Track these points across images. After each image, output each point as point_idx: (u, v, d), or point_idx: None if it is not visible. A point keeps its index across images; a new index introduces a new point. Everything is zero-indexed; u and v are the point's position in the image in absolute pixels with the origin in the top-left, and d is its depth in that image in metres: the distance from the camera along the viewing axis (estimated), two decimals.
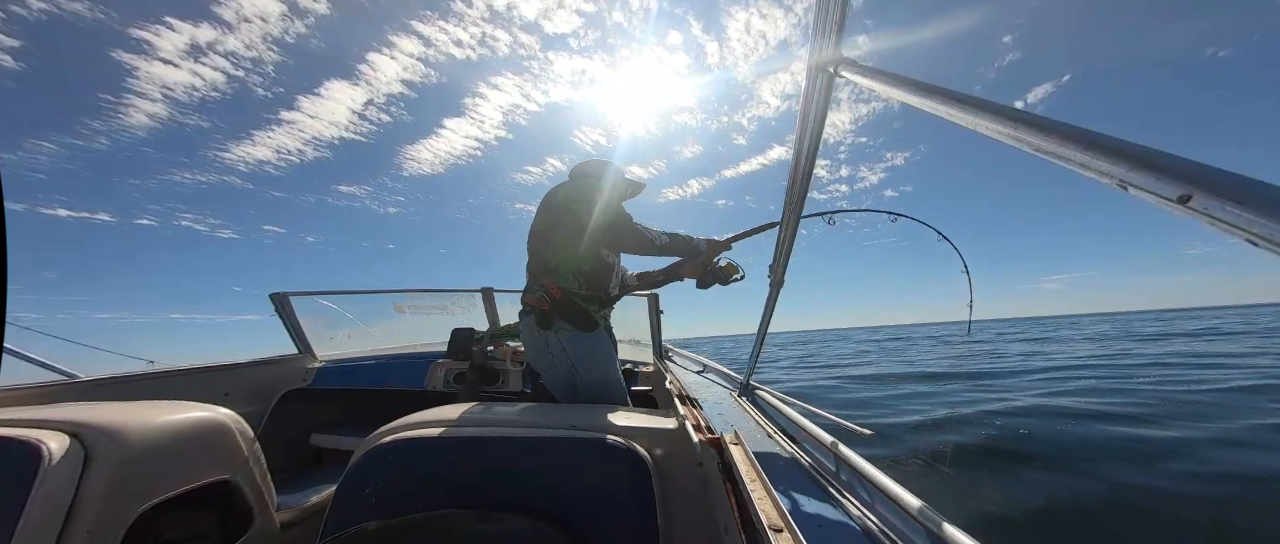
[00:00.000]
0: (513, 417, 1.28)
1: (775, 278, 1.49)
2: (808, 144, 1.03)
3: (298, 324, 2.97)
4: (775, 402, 1.59)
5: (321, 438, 2.69)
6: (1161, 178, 0.35)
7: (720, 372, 2.39)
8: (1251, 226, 0.31)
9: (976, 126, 0.50)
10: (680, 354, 3.09)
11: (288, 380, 2.81)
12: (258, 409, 2.63)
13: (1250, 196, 0.31)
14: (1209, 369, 8.79)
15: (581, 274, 1.79)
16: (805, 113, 0.97)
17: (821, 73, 0.87)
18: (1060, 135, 0.41)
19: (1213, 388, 6.78)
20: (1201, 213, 0.33)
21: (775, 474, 0.93)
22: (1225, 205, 0.32)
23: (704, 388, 1.94)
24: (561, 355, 1.77)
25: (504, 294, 3.31)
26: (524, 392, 2.68)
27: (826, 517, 0.76)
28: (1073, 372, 9.52)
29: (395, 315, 3.45)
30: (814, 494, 0.84)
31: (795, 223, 1.27)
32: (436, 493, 1.05)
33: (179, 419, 1.15)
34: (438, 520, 0.92)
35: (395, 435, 1.15)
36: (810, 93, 0.93)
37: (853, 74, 0.76)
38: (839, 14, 0.77)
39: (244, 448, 1.27)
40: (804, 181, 1.13)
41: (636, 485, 1.04)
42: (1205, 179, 0.33)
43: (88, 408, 1.14)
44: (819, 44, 0.83)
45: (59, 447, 0.95)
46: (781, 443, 1.16)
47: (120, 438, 1.01)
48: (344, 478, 1.09)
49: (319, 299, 3.11)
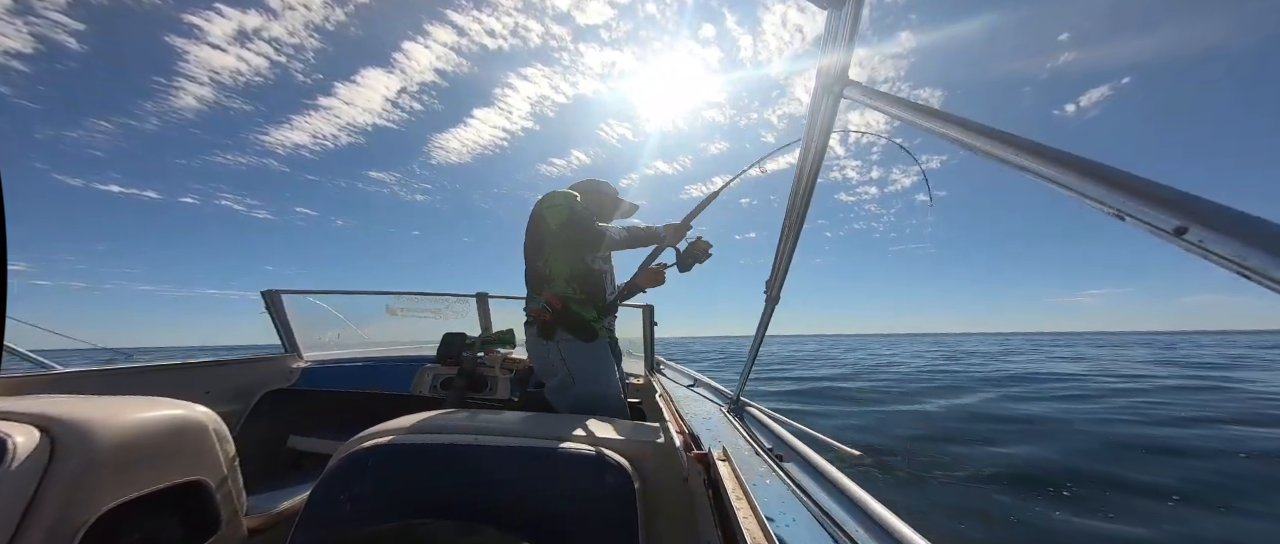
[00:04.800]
0: (497, 425, 1.26)
1: (771, 294, 1.49)
2: (810, 163, 1.04)
3: (287, 323, 2.93)
4: (765, 419, 1.58)
5: (300, 440, 2.64)
6: (1159, 209, 0.35)
7: (711, 386, 2.37)
8: (1244, 260, 0.31)
9: (974, 149, 0.50)
10: (672, 367, 3.07)
11: (271, 380, 2.76)
12: (238, 408, 2.58)
13: (1244, 231, 0.31)
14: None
15: (574, 278, 1.81)
16: (810, 131, 0.98)
17: (828, 94, 0.88)
18: (1058, 163, 0.41)
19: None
20: (1196, 245, 0.33)
21: (762, 492, 0.92)
22: (1220, 239, 0.32)
23: (694, 402, 1.92)
24: (560, 364, 1.79)
25: (498, 300, 3.29)
26: (511, 399, 2.65)
27: (810, 538, 0.74)
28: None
29: (388, 316, 3.42)
30: (800, 514, 0.83)
31: (794, 239, 1.27)
32: (414, 501, 1.02)
33: (153, 416, 1.13)
34: (413, 530, 0.90)
35: (375, 440, 1.12)
36: (816, 111, 0.94)
37: (857, 96, 0.77)
38: (848, 35, 0.78)
39: (218, 449, 1.24)
40: (805, 200, 1.13)
41: (619, 500, 1.02)
42: (1201, 212, 0.33)
43: (60, 401, 1.11)
44: (827, 65, 0.84)
45: (26, 440, 0.92)
46: (769, 461, 1.15)
47: (89, 433, 0.98)
48: (318, 483, 1.06)
49: (311, 298, 3.07)
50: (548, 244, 1.82)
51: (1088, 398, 9.02)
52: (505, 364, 2.76)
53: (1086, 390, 9.98)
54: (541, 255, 1.83)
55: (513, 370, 2.73)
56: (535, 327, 1.82)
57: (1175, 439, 5.63)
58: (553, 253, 1.81)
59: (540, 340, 1.81)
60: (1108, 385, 10.73)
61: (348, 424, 1.61)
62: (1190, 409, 7.50)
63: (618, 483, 1.04)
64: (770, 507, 0.84)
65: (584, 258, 1.85)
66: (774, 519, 0.78)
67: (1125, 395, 9.18)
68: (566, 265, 1.81)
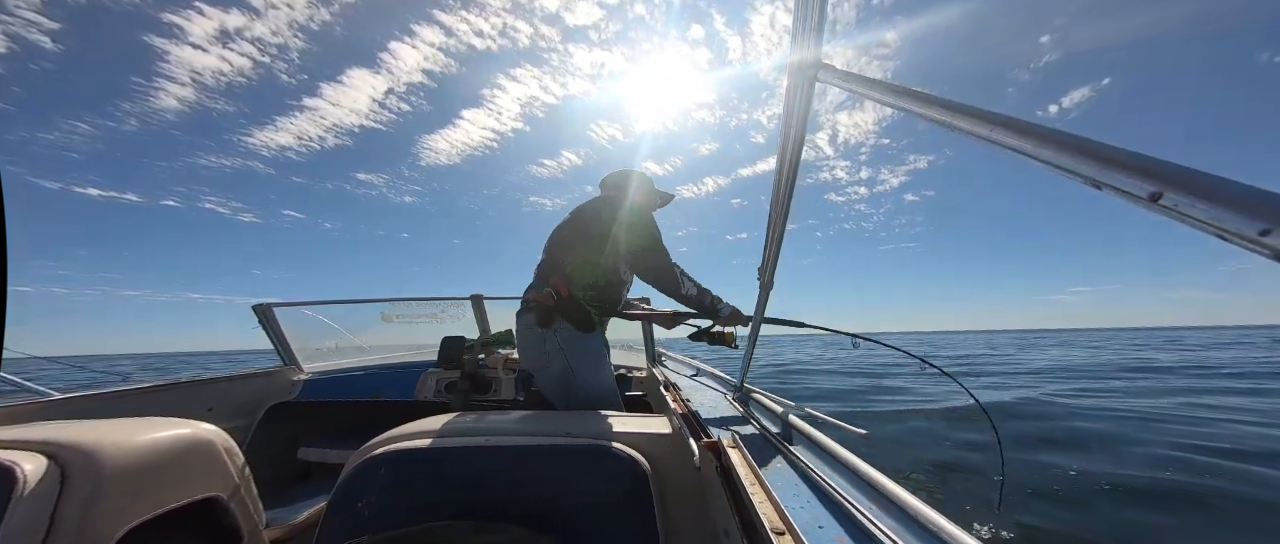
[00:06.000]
0: (507, 425, 1.27)
1: (764, 280, 1.49)
2: (791, 148, 1.04)
3: (282, 336, 2.92)
4: (770, 403, 1.59)
5: (309, 451, 2.64)
6: (1132, 176, 0.35)
7: (714, 375, 2.39)
8: (1221, 221, 0.31)
9: (953, 127, 0.51)
10: (673, 358, 3.08)
11: (273, 393, 2.76)
12: (243, 424, 2.58)
13: (1219, 193, 0.31)
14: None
15: (596, 287, 1.79)
16: (788, 117, 0.98)
17: (801, 77, 0.88)
18: (1035, 136, 0.42)
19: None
20: (1172, 209, 0.34)
21: (773, 476, 0.93)
22: (1193, 202, 0.32)
23: (698, 391, 1.93)
24: (557, 354, 1.76)
25: (493, 302, 3.29)
26: (517, 399, 2.66)
27: (827, 518, 0.76)
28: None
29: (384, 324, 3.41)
30: (813, 496, 0.84)
31: (782, 225, 1.28)
32: (431, 505, 1.03)
33: (159, 437, 1.13)
34: (434, 533, 0.91)
35: (387, 447, 1.13)
36: (791, 96, 0.94)
37: (831, 79, 0.78)
38: (816, 19, 0.78)
39: (229, 464, 1.25)
40: (789, 185, 1.13)
41: (635, 492, 1.03)
42: (1175, 177, 0.34)
43: (64, 427, 1.11)
44: (798, 49, 0.84)
45: (34, 468, 0.92)
46: (779, 445, 1.16)
47: (98, 457, 0.98)
48: (335, 491, 1.07)
49: (305, 310, 3.06)
50: (591, 246, 1.75)
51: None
52: (507, 364, 2.77)
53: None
54: (571, 255, 1.77)
55: (515, 370, 2.74)
56: (533, 314, 1.78)
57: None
58: (592, 254, 1.74)
59: (536, 328, 1.76)
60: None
61: (355, 433, 1.62)
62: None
63: (632, 475, 1.05)
64: (783, 490, 0.85)
65: (620, 267, 1.82)
66: (790, 502, 0.79)
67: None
68: (596, 272, 1.76)
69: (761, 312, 1.63)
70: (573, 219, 1.86)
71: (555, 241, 1.86)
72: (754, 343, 1.80)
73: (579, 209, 1.88)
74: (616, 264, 1.80)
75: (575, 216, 1.86)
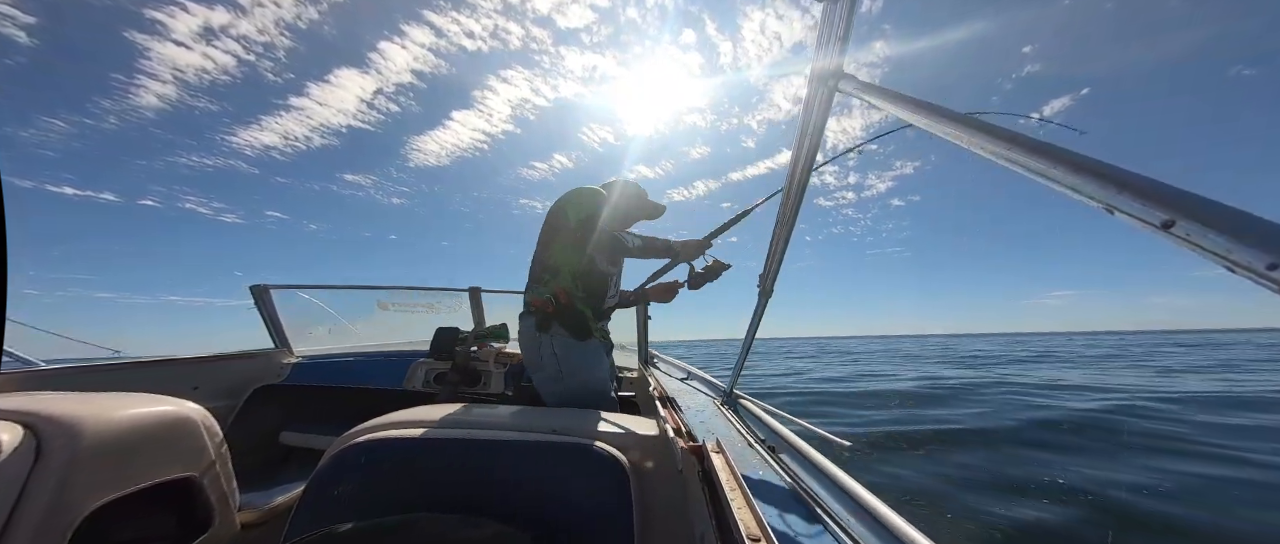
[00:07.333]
0: (492, 418, 1.26)
1: (764, 288, 1.49)
2: (805, 155, 1.04)
3: (276, 318, 2.90)
4: (758, 411, 1.59)
5: (292, 436, 2.62)
6: (1146, 203, 0.35)
7: (704, 379, 2.38)
8: (1229, 253, 0.31)
9: (970, 145, 0.51)
10: (665, 360, 3.08)
11: (262, 375, 2.73)
12: (228, 404, 2.55)
13: (1231, 224, 0.31)
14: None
15: (579, 276, 1.83)
16: (805, 124, 0.99)
17: (822, 86, 0.88)
18: (1050, 157, 0.42)
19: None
20: (1183, 238, 0.34)
21: (755, 484, 0.93)
22: (1206, 232, 0.32)
23: (687, 395, 1.93)
24: (551, 359, 1.80)
25: (491, 295, 3.28)
26: (505, 393, 2.65)
27: (804, 528, 0.75)
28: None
29: (380, 312, 3.39)
30: (792, 505, 0.84)
31: (788, 234, 1.28)
32: (410, 495, 1.02)
33: (141, 413, 1.11)
34: (409, 524, 0.90)
35: (369, 435, 1.12)
36: (810, 105, 0.94)
37: (852, 89, 0.78)
38: (843, 30, 0.78)
39: (208, 444, 1.23)
40: (799, 193, 1.13)
41: (614, 492, 1.02)
42: (1188, 206, 0.34)
43: (44, 398, 1.09)
44: (822, 58, 0.84)
45: (10, 438, 0.90)
46: (762, 453, 1.16)
47: (76, 431, 0.97)
48: (313, 478, 1.06)
49: (302, 293, 3.04)
50: (561, 238, 1.83)
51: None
52: (499, 358, 2.75)
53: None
54: (552, 248, 1.84)
55: (506, 365, 2.73)
56: (533, 318, 1.83)
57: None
58: (564, 247, 1.82)
59: (536, 333, 1.81)
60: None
61: (340, 420, 1.61)
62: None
63: (613, 475, 1.04)
64: (764, 497, 0.85)
65: (594, 258, 1.86)
66: (768, 510, 0.79)
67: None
68: (575, 261, 1.82)
69: (758, 320, 1.63)
70: (547, 217, 1.92)
71: (538, 242, 1.94)
72: (747, 350, 1.80)
73: (550, 208, 1.94)
74: (583, 254, 1.85)
75: (548, 214, 1.92)
